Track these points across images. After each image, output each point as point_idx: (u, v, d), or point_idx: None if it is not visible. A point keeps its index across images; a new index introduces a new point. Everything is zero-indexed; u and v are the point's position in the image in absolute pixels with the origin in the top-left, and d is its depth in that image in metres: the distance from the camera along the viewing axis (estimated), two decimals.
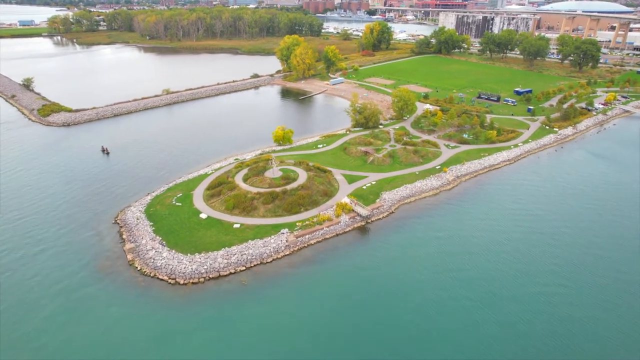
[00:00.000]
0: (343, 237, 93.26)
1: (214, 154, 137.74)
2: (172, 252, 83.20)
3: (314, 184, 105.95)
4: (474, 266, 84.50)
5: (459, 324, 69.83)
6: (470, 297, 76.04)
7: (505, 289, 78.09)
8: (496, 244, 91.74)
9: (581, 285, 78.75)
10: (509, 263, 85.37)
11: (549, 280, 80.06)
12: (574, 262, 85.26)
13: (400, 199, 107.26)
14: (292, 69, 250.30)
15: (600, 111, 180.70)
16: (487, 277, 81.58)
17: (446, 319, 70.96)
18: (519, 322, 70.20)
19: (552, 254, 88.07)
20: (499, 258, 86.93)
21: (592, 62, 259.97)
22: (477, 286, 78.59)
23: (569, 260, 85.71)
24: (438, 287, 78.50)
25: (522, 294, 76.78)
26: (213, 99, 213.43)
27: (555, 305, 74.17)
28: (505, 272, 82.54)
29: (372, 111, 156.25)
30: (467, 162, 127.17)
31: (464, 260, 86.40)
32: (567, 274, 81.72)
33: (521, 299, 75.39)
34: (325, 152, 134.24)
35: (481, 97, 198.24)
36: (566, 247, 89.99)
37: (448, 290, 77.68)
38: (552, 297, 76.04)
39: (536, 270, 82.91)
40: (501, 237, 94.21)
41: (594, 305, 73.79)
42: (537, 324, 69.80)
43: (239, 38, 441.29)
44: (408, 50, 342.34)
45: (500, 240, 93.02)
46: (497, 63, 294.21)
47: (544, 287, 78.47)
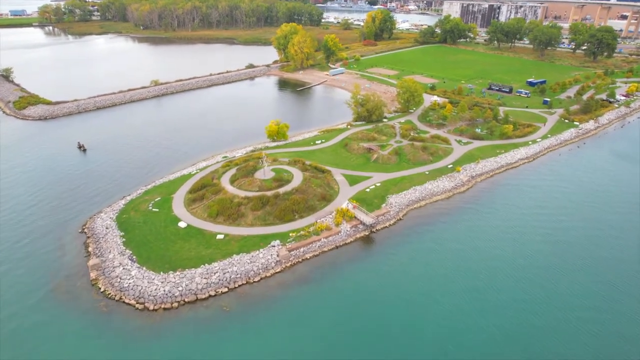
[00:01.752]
0: (344, 250, 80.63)
1: (201, 151, 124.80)
2: (142, 270, 70.57)
3: (310, 187, 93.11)
4: (497, 285, 72.09)
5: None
6: (496, 324, 63.61)
7: (536, 315, 65.62)
8: (521, 257, 79.28)
9: (629, 310, 66.20)
10: (538, 280, 72.95)
11: (589, 304, 67.53)
12: (612, 281, 72.63)
13: (408, 204, 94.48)
14: (290, 58, 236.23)
15: (623, 103, 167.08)
16: (514, 298, 69.34)
17: (467, 355, 58.54)
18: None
19: (588, 269, 75.51)
20: (526, 274, 74.51)
21: (608, 51, 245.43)
22: (503, 311, 66.19)
23: (608, 278, 73.10)
24: (456, 311, 66.05)
25: (558, 321, 64.30)
26: (205, 90, 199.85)
27: (600, 336, 61.66)
28: (534, 293, 70.14)
29: (376, 103, 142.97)
30: (482, 161, 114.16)
31: (485, 277, 73.94)
32: (607, 296, 69.18)
33: (557, 329, 62.91)
34: (324, 149, 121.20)
35: (492, 88, 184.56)
36: (604, 262, 77.36)
37: (468, 316, 65.22)
38: (595, 325, 63.52)
39: (571, 291, 70.41)
40: (526, 248, 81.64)
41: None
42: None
43: (236, 28, 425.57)
44: (411, 39, 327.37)
45: (526, 252, 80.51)
46: (506, 53, 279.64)
47: (583, 311, 66.06)
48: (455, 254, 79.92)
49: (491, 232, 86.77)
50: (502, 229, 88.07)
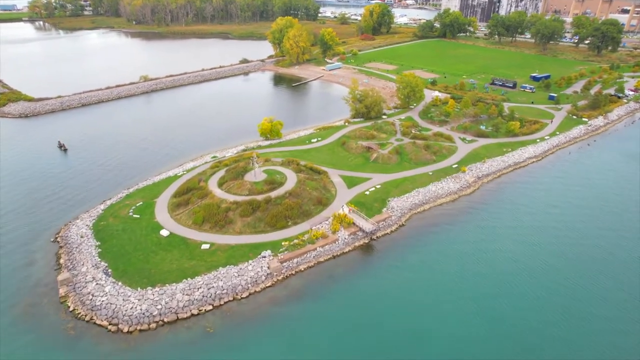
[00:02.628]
0: (342, 260, 73.61)
1: (189, 150, 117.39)
2: (117, 286, 63.37)
3: (305, 190, 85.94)
4: (509, 291, 66.29)
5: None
6: (510, 336, 56.96)
7: (555, 326, 59.14)
8: (532, 261, 73.18)
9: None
10: (553, 287, 66.75)
11: (608, 313, 60.82)
12: (633, 286, 65.99)
13: (411, 207, 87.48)
14: (285, 53, 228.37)
15: (632, 98, 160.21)
16: (528, 306, 63.51)
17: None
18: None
19: (606, 273, 68.95)
20: (540, 281, 68.22)
21: (612, 45, 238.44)
22: (517, 321, 59.84)
23: (628, 283, 66.39)
24: (466, 326, 59.38)
25: (577, 332, 57.58)
26: (196, 86, 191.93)
27: (627, 350, 55.02)
28: (549, 300, 63.81)
29: (375, 99, 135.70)
30: (489, 160, 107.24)
31: (496, 283, 67.91)
32: (628, 303, 62.52)
33: (575, 342, 56.16)
34: (320, 147, 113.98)
35: (495, 83, 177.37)
36: (622, 266, 70.64)
37: (479, 329, 58.63)
38: (618, 336, 56.84)
39: (589, 297, 63.90)
40: (538, 253, 75.19)
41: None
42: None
43: (231, 22, 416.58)
44: (410, 34, 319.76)
45: (538, 257, 74.21)
46: (507, 47, 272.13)
47: (602, 321, 59.31)
48: (464, 262, 73.11)
49: (501, 238, 79.96)
50: (512, 233, 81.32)
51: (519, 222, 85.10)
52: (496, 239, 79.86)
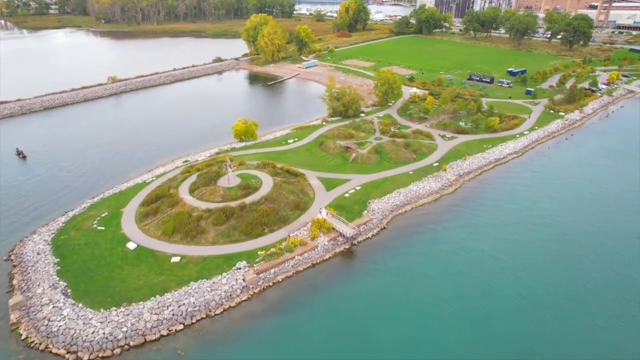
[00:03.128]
0: (322, 268, 69.83)
1: (159, 154, 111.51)
2: (77, 308, 57.97)
3: (281, 195, 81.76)
4: (494, 291, 64.46)
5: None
6: (497, 337, 54.26)
7: (542, 326, 56.96)
8: (516, 259, 71.65)
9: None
10: (536, 285, 65.13)
11: (595, 309, 58.93)
12: (619, 281, 64.48)
13: (392, 209, 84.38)
14: (260, 51, 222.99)
15: (605, 92, 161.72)
16: (514, 306, 61.86)
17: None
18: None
19: (592, 268, 67.13)
20: (524, 279, 66.57)
21: (584, 40, 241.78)
22: (504, 322, 57.37)
23: (614, 278, 64.86)
24: (453, 330, 56.35)
25: (564, 331, 55.47)
26: (168, 87, 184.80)
27: (615, 347, 53.20)
28: (534, 299, 61.89)
29: (352, 97, 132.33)
30: (469, 157, 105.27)
31: (480, 283, 66.17)
32: (617, 299, 60.85)
33: (562, 341, 53.98)
34: (297, 148, 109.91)
35: (472, 78, 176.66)
36: (607, 260, 69.16)
37: (465, 331, 55.80)
38: (603, 332, 54.91)
39: (574, 294, 61.89)
40: (521, 250, 73.78)
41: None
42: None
43: (204, 21, 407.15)
44: (386, 30, 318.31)
45: (521, 254, 72.78)
46: (483, 42, 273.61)
47: (591, 318, 57.40)
48: (447, 263, 70.55)
49: (484, 236, 77.74)
50: (495, 231, 79.26)
51: (501, 220, 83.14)
52: (479, 237, 77.63)
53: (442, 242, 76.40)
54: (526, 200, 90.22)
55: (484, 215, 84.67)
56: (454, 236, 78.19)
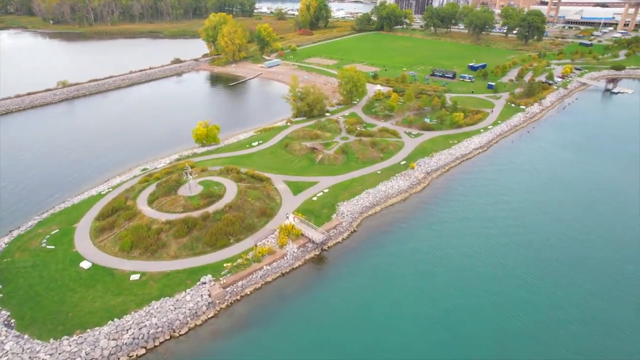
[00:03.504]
0: (292, 277, 67.13)
1: (116, 163, 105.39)
2: (22, 340, 52.71)
3: (247, 201, 78.32)
4: (466, 289, 64.54)
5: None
6: (472, 336, 53.40)
7: (516, 320, 56.77)
8: (486, 254, 72.12)
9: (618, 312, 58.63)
10: (508, 281, 65.30)
11: (567, 303, 59.21)
12: (588, 273, 65.34)
13: (362, 211, 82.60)
14: (220, 51, 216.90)
15: (561, 85, 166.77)
16: (486, 303, 61.83)
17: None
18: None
19: (560, 260, 67.77)
20: (495, 275, 66.96)
21: (538, 35, 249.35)
22: (478, 320, 56.76)
23: (583, 273, 65.66)
24: (428, 331, 55.24)
25: (538, 327, 55.46)
26: (124, 90, 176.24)
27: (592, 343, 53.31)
28: (506, 295, 61.99)
29: (316, 96, 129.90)
30: (436, 154, 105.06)
31: (452, 281, 66.23)
32: (589, 294, 61.51)
33: (537, 336, 53.81)
34: (262, 151, 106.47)
35: (435, 74, 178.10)
36: (574, 253, 70.08)
37: (440, 332, 54.80)
38: (577, 326, 55.15)
39: (545, 288, 62.06)
40: (491, 245, 74.41)
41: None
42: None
43: (161, 21, 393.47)
44: (348, 27, 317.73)
45: (491, 250, 73.34)
46: (443, 38, 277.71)
47: (564, 312, 57.56)
48: (420, 264, 69.64)
49: (454, 233, 77.48)
50: (465, 227, 79.27)
51: (470, 216, 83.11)
52: (449, 235, 77.29)
53: (412, 242, 75.40)
54: (493, 195, 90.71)
55: (453, 212, 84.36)
56: (425, 235, 77.41)
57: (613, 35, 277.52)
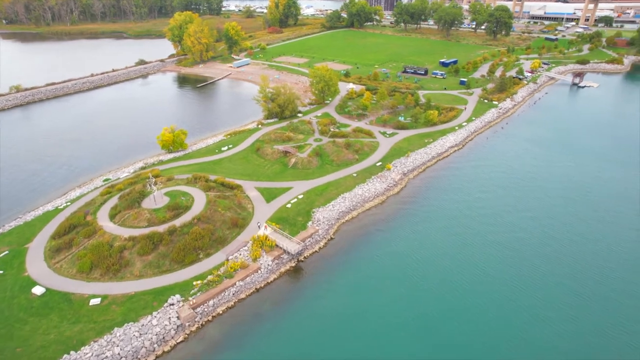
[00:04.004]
0: (267, 292, 63.22)
1: (75, 173, 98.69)
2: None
3: (217, 212, 73.80)
4: (449, 292, 62.61)
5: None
6: (457, 343, 51.19)
7: (501, 320, 54.46)
8: (467, 255, 70.13)
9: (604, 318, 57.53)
10: (490, 281, 63.45)
11: (548, 304, 57.74)
12: (574, 274, 64.30)
13: (339, 217, 79.37)
14: (187, 51, 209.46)
15: (531, 79, 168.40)
16: (471, 304, 59.78)
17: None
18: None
19: (539, 260, 66.43)
20: (477, 276, 64.83)
21: (506, 30, 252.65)
22: (463, 326, 54.29)
23: (568, 271, 64.55)
24: (410, 337, 52.49)
25: (522, 322, 53.56)
26: (85, 94, 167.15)
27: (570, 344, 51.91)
28: (489, 297, 59.78)
29: (288, 97, 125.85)
30: (412, 153, 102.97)
31: (435, 285, 64.17)
32: (575, 294, 60.32)
33: (523, 336, 52.15)
34: (232, 156, 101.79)
35: (407, 71, 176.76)
36: (557, 250, 69.01)
37: (425, 341, 52.19)
38: (558, 324, 53.70)
39: (526, 286, 60.49)
40: (471, 245, 72.47)
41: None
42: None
43: (125, 20, 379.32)
44: (318, 25, 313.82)
45: (472, 250, 71.24)
46: (413, 34, 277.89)
47: (544, 311, 55.97)
48: (401, 270, 67.15)
49: (435, 236, 75.38)
50: (446, 229, 77.32)
51: (449, 217, 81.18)
52: (429, 237, 75.14)
53: (392, 247, 72.81)
54: (471, 195, 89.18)
55: (432, 214, 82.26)
56: (404, 239, 74.95)
57: (575, 30, 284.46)
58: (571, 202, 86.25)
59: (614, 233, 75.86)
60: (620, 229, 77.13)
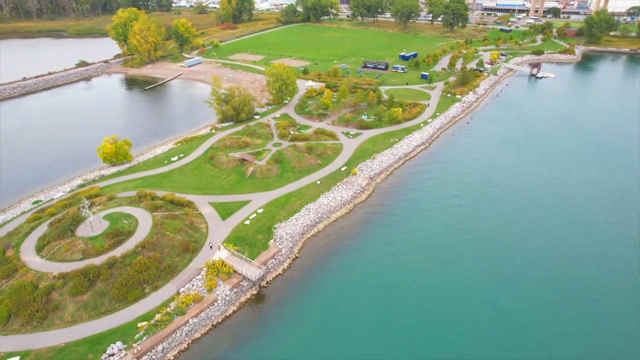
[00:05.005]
0: (226, 328, 55.32)
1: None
2: None
3: (164, 236, 64.94)
4: (428, 309, 56.93)
5: None
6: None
7: (479, 334, 49.69)
8: (443, 264, 65.83)
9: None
10: (466, 293, 59.71)
11: (522, 307, 53.56)
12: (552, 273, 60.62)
13: (303, 231, 72.34)
14: (134, 50, 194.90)
15: (491, 71, 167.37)
16: (451, 319, 55.47)
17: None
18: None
19: (514, 262, 62.41)
20: (456, 287, 61.66)
21: (462, 21, 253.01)
22: (441, 342, 48.98)
23: (550, 275, 60.80)
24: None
25: (503, 330, 49.10)
26: (16, 101, 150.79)
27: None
28: (472, 308, 54.59)
29: (243, 98, 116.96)
30: (378, 155, 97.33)
31: (412, 303, 58.98)
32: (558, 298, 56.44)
33: (504, 344, 47.50)
34: (184, 167, 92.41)
35: (367, 66, 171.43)
36: (536, 251, 65.31)
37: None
38: (530, 327, 49.60)
39: (508, 290, 56.12)
40: (446, 252, 68.64)
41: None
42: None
43: (65, 17, 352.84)
44: (274, 20, 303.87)
45: (448, 258, 67.35)
46: (371, 28, 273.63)
47: (518, 315, 51.65)
48: (374, 288, 61.47)
49: (408, 245, 70.39)
50: (419, 237, 72.40)
51: (421, 223, 76.32)
52: (402, 248, 69.85)
53: (363, 262, 66.83)
54: (441, 198, 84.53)
55: (403, 222, 76.83)
56: (376, 251, 69.21)
57: (527, 21, 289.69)
58: (545, 198, 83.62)
59: (587, 224, 73.49)
60: (591, 221, 74.80)
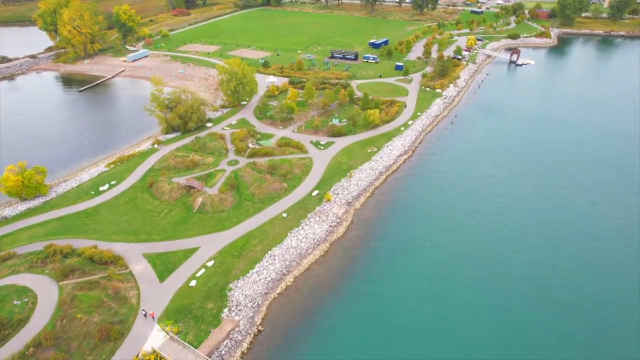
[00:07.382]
0: None
1: None
2: None
3: (74, 321, 46.85)
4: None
5: None
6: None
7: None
8: (448, 336, 49.06)
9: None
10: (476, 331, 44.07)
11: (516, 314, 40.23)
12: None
13: (267, 290, 55.82)
14: (66, 43, 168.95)
15: (470, 59, 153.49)
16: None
17: None
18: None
19: (512, 278, 48.86)
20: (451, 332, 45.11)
21: (432, 3, 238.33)
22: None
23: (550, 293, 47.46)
24: None
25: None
26: None
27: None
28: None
29: (190, 104, 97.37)
30: (355, 172, 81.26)
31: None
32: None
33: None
34: (115, 200, 73.35)
35: (335, 56, 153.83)
36: (538, 276, 51.84)
37: None
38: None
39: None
40: (450, 309, 52.26)
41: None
42: None
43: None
44: (231, 4, 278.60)
45: (453, 327, 50.76)
46: (336, 11, 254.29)
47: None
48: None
49: (399, 304, 55.37)
50: (411, 292, 57.19)
51: (413, 258, 61.90)
52: (392, 309, 54.65)
53: (346, 324, 51.97)
54: (432, 222, 70.15)
55: (391, 266, 61.66)
56: (361, 307, 54.39)
57: (496, 1, 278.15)
58: (551, 209, 70.98)
59: (590, 232, 60.52)
60: (594, 227, 62.04)
